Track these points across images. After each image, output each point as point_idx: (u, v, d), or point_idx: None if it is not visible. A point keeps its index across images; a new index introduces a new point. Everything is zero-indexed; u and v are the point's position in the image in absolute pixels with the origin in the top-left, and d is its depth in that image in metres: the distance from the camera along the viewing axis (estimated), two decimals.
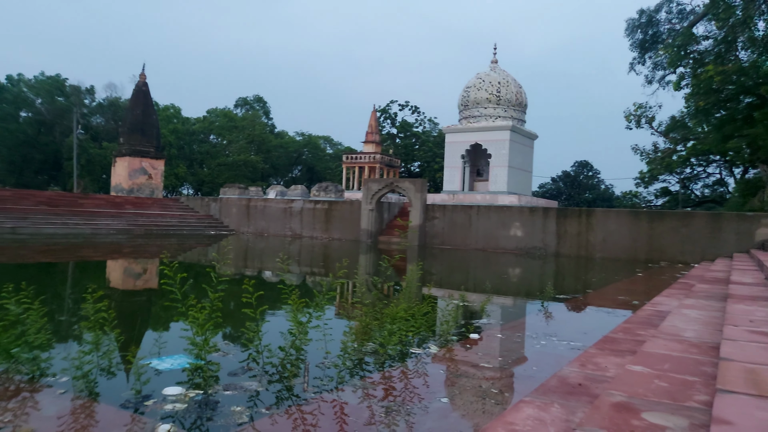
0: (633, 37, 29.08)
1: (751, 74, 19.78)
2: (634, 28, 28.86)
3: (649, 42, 28.80)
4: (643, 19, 28.54)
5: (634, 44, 29.17)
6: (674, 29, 27.68)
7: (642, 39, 28.93)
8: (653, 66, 28.62)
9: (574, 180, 71.67)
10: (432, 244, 24.83)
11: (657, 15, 28.61)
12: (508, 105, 33.55)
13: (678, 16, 28.35)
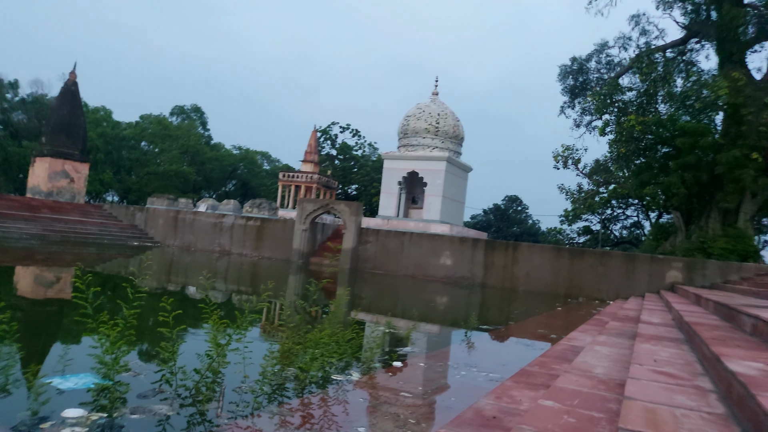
0: (565, 83, 30.67)
1: (668, 127, 21.33)
2: (566, 74, 30.47)
3: (579, 88, 30.46)
4: (575, 67, 30.21)
5: (566, 89, 30.76)
6: (602, 78, 29.44)
7: (573, 85, 30.57)
8: (582, 111, 30.24)
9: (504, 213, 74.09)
10: (364, 268, 24.84)
11: (587, 64, 30.37)
12: (445, 137, 34.44)
13: (606, 67, 30.20)
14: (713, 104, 20.72)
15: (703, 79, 22.16)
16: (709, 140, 20.15)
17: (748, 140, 19.68)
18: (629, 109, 23.57)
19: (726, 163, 19.48)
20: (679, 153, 20.96)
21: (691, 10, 24.56)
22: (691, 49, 27.55)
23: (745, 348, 3.53)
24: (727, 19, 20.43)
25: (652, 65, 23.10)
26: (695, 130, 20.33)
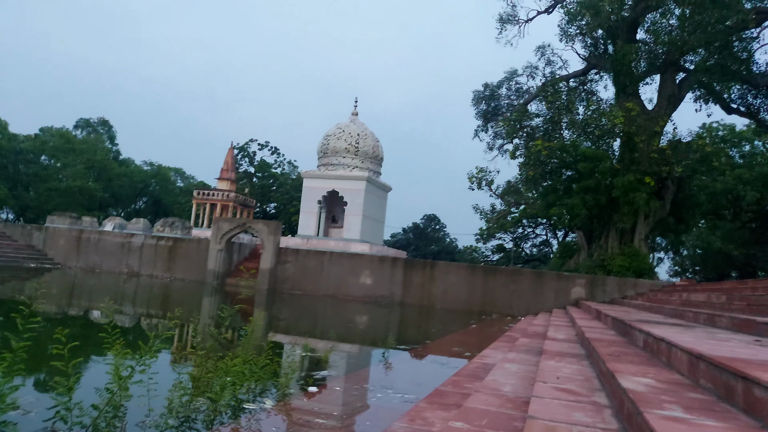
0: (478, 107, 31.97)
1: (571, 152, 22.74)
2: (479, 100, 31.79)
3: (491, 113, 31.84)
4: (487, 93, 31.61)
5: (479, 113, 32.05)
6: (512, 104, 30.98)
7: (485, 110, 31.90)
8: (494, 135, 31.59)
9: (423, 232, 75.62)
10: (282, 288, 24.38)
11: (499, 90, 31.86)
12: (365, 157, 34.78)
13: (516, 94, 31.83)
14: (611, 132, 22.35)
15: (601, 108, 23.86)
16: (607, 165, 21.67)
17: (640, 166, 21.37)
18: (537, 135, 24.88)
19: (622, 187, 21.02)
20: (581, 177, 22.35)
21: (590, 43, 26.50)
22: (591, 79, 29.70)
23: (636, 363, 3.79)
24: (621, 54, 22.21)
25: (556, 94, 24.60)
26: (595, 155, 21.80)
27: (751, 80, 22.74)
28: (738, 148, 34.81)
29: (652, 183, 21.23)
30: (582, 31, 23.49)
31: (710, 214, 33.48)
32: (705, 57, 21.38)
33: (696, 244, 35.53)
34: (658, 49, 22.17)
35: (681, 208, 23.84)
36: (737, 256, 32.33)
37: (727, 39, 20.11)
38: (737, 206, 32.80)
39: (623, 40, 22.83)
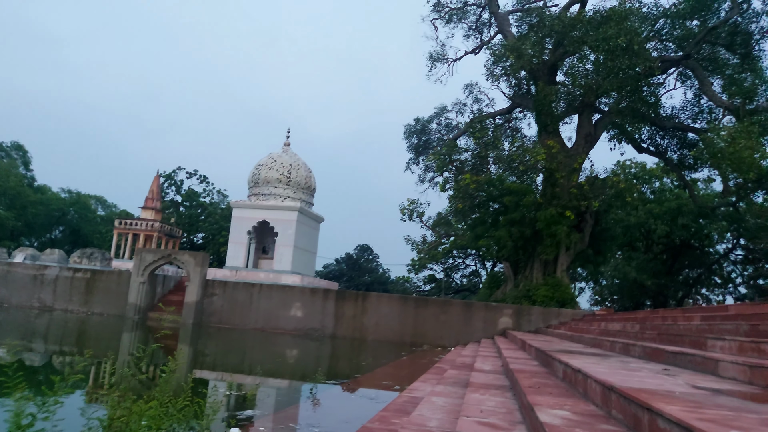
0: (410, 141, 32.61)
1: (498, 186, 23.59)
2: (411, 133, 32.46)
3: (422, 147, 32.56)
4: (419, 127, 32.35)
5: (411, 147, 32.68)
6: (442, 139, 31.84)
7: (417, 143, 32.59)
8: (425, 168, 32.22)
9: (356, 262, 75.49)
10: (209, 322, 23.46)
11: (429, 125, 32.69)
12: (297, 187, 34.56)
13: (446, 129, 32.77)
14: (534, 167, 23.39)
15: (525, 145, 24.97)
16: (531, 199, 22.61)
17: (561, 200, 22.45)
18: (465, 169, 25.65)
19: (544, 220, 21.97)
20: (507, 210, 23.18)
21: (514, 84, 27.85)
22: (516, 117, 31.11)
23: (555, 395, 3.91)
24: (542, 95, 23.49)
25: (483, 130, 25.58)
26: (519, 189, 22.72)
27: (658, 122, 24.58)
28: (649, 184, 37.38)
29: (572, 216, 22.31)
30: (506, 72, 24.67)
31: (625, 246, 35.53)
32: (618, 100, 22.96)
33: (613, 274, 37.47)
34: (576, 91, 23.58)
35: (599, 240, 25.14)
36: (650, 285, 34.34)
37: (637, 84, 21.69)
38: (649, 239, 35.00)
39: (544, 81, 24.16)
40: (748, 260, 36.71)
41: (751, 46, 21.45)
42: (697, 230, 33.21)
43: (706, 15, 21.51)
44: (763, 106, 20.15)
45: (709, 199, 32.58)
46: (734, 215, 29.78)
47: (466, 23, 29.47)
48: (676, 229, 32.75)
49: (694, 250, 36.06)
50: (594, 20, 21.32)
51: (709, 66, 22.64)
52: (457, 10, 28.65)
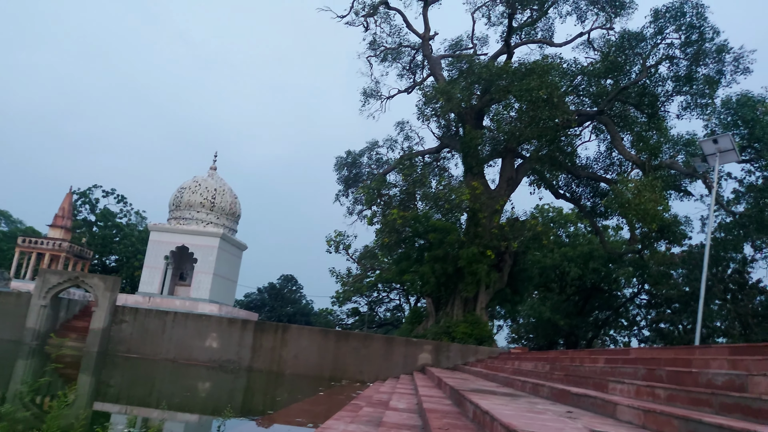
0: (340, 173, 32.73)
1: (424, 222, 24.04)
2: (342, 166, 32.62)
3: (352, 180, 32.76)
4: (349, 160, 32.58)
5: (341, 179, 32.80)
6: (373, 173, 32.21)
7: (347, 176, 32.76)
8: (354, 200, 32.40)
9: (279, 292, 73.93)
10: (117, 351, 22.05)
11: (360, 158, 33.00)
12: (221, 213, 33.67)
13: (376, 163, 33.19)
14: (458, 206, 24.08)
15: (451, 185, 25.74)
16: (455, 237, 23.20)
17: (483, 239, 23.18)
18: (393, 204, 26.00)
19: (466, 258, 22.56)
20: (431, 246, 23.63)
21: (443, 125, 28.80)
22: (444, 157, 32.05)
23: None
24: (469, 138, 24.41)
25: (412, 167, 26.14)
26: (444, 227, 23.27)
27: (574, 171, 26.13)
28: (564, 228, 39.43)
29: (493, 256, 23.05)
30: (437, 113, 25.51)
31: (541, 287, 37.07)
32: (538, 148, 24.25)
33: (529, 313, 38.84)
34: (500, 137, 24.69)
35: (517, 280, 26.06)
36: (563, 325, 35.84)
37: (556, 134, 23.04)
38: (563, 281, 36.72)
39: (471, 125, 25.17)
40: (651, 305, 39.23)
41: (657, 107, 23.43)
42: (607, 274, 35.21)
43: (618, 75, 23.35)
44: (666, 162, 21.92)
45: (618, 245, 34.71)
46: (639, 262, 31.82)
47: (400, 63, 30.37)
48: (587, 272, 34.57)
49: (604, 293, 38.12)
50: (519, 72, 22.59)
51: (620, 122, 24.47)
52: (392, 50, 29.51)
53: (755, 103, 19.22)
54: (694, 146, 20.31)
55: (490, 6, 27.36)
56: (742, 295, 33.37)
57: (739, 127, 19.70)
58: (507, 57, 25.97)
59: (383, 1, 28.02)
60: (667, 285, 34.49)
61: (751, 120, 18.99)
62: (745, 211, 22.01)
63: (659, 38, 22.15)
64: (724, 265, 32.92)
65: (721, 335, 34.49)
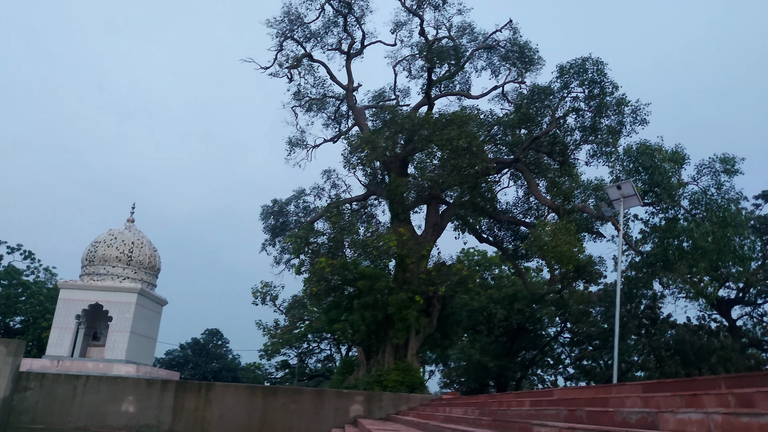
0: (266, 222, 32.30)
1: (352, 270, 23.99)
2: (268, 214, 32.23)
3: (279, 228, 32.37)
4: (276, 208, 32.28)
5: (267, 228, 32.34)
6: (300, 221, 32.01)
7: (274, 225, 32.37)
8: (281, 250, 31.92)
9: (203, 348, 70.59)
10: (19, 422, 20.00)
11: (287, 207, 32.80)
12: (139, 267, 32.09)
13: (303, 211, 33.06)
14: (386, 253, 24.29)
15: (379, 231, 26.00)
16: (384, 284, 23.26)
17: (411, 285, 23.40)
18: (321, 252, 25.84)
19: (396, 304, 22.62)
20: (360, 294, 23.53)
21: (370, 173, 29.26)
22: (371, 204, 32.43)
23: None
24: (394, 186, 24.91)
25: (340, 215, 26.25)
26: (373, 274, 23.32)
27: (495, 216, 27.19)
28: (489, 271, 40.59)
29: (422, 301, 23.26)
30: (362, 162, 25.91)
31: (470, 329, 37.63)
32: (460, 194, 25.11)
33: (460, 356, 39.20)
34: (424, 184, 25.38)
35: (446, 324, 26.34)
36: (493, 367, 36.38)
37: (476, 181, 24.00)
38: (491, 322, 37.50)
39: (396, 173, 25.75)
40: (574, 342, 40.75)
41: (567, 155, 25.05)
42: (531, 314, 36.36)
43: (531, 126, 24.88)
44: (578, 206, 23.27)
45: (539, 286, 36.07)
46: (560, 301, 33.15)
47: (325, 113, 30.88)
48: (513, 313, 35.55)
49: (529, 332, 39.23)
50: (439, 122, 23.57)
51: (535, 169, 25.89)
52: (317, 101, 30.01)
53: (653, 151, 20.98)
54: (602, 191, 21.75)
55: (411, 60, 28.65)
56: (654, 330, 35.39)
57: (640, 173, 21.34)
58: (428, 108, 27.06)
59: (306, 54, 28.62)
60: (587, 323, 36.00)
61: (650, 167, 20.65)
62: (651, 250, 23.57)
63: (565, 92, 23.92)
64: (636, 301, 34.90)
65: (639, 369, 36.21)
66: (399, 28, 28.28)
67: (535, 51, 26.21)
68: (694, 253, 21.11)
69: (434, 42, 26.86)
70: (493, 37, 27.12)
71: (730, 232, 20.66)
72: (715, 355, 32.69)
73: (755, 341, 36.70)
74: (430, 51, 26.04)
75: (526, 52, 26.18)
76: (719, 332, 35.42)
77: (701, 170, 22.03)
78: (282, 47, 28.65)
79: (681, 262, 21.76)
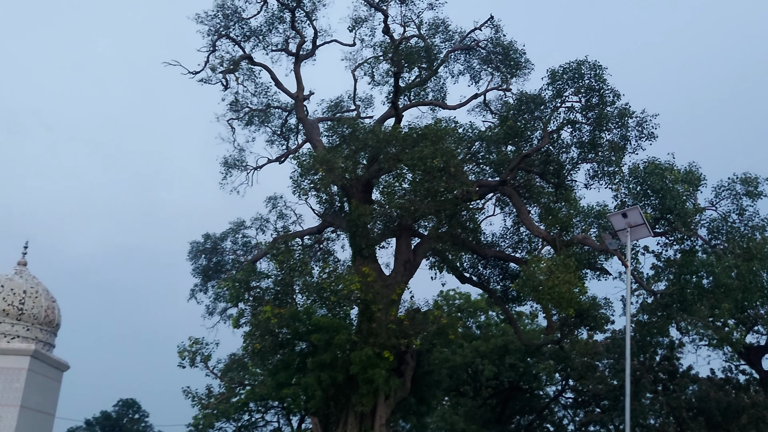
0: (196, 263, 31.83)
1: (305, 321, 23.81)
2: (198, 253, 31.76)
3: (212, 270, 31.94)
4: (209, 246, 31.89)
5: (197, 270, 31.85)
6: (239, 261, 31.68)
7: (206, 266, 31.92)
8: (215, 297, 31.47)
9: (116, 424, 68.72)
10: None
11: (223, 243, 32.45)
12: (33, 322, 31.14)
13: (243, 248, 32.75)
14: (347, 298, 24.25)
15: (338, 272, 25.97)
16: (344, 337, 23.09)
17: (379, 338, 23.33)
18: (266, 298, 25.62)
19: (360, 363, 22.45)
20: (316, 350, 23.30)
21: (325, 200, 29.33)
22: (328, 238, 32.39)
23: None
24: (356, 214, 24.97)
25: (288, 252, 26.10)
26: (331, 325, 23.16)
27: (479, 250, 27.52)
28: (474, 318, 40.86)
29: (392, 358, 23.17)
30: (316, 186, 25.98)
31: (452, 391, 37.63)
32: (437, 224, 25.35)
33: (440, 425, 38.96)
34: (393, 212, 25.59)
35: (422, 386, 26.27)
36: None
37: (455, 208, 24.32)
38: (477, 381, 37.60)
39: (358, 199, 25.87)
40: (578, 403, 41.11)
41: (564, 176, 25.69)
42: (526, 370, 36.61)
43: (519, 141, 25.48)
44: (578, 237, 23.81)
45: (535, 335, 36.49)
46: (560, 353, 33.55)
47: (269, 127, 31.06)
48: (504, 369, 35.73)
49: (524, 393, 39.44)
50: (410, 137, 23.93)
51: (526, 193, 26.45)
52: (259, 112, 30.17)
53: (663, 170, 21.70)
54: (605, 218, 22.33)
55: (373, 63, 29.19)
56: (673, 385, 36.06)
57: (649, 197, 22.01)
58: (395, 120, 27.47)
59: (245, 56, 28.82)
60: (593, 379, 36.43)
61: (661, 189, 21.30)
62: (666, 289, 24.17)
63: (558, 101, 24.63)
64: (651, 351, 35.59)
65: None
66: (359, 25, 28.83)
67: (522, 53, 27.04)
68: (716, 292, 21.72)
69: (401, 42, 27.43)
70: (472, 36, 27.90)
71: (757, 265, 21.38)
72: (746, 414, 33.41)
73: None
74: (397, 52, 26.55)
75: (510, 54, 26.97)
76: (749, 386, 36.29)
77: (720, 193, 22.88)
78: (215, 47, 28.81)
79: (701, 303, 22.37)
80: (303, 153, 28.86)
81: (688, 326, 25.63)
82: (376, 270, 25.79)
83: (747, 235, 22.11)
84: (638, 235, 17.55)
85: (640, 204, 21.31)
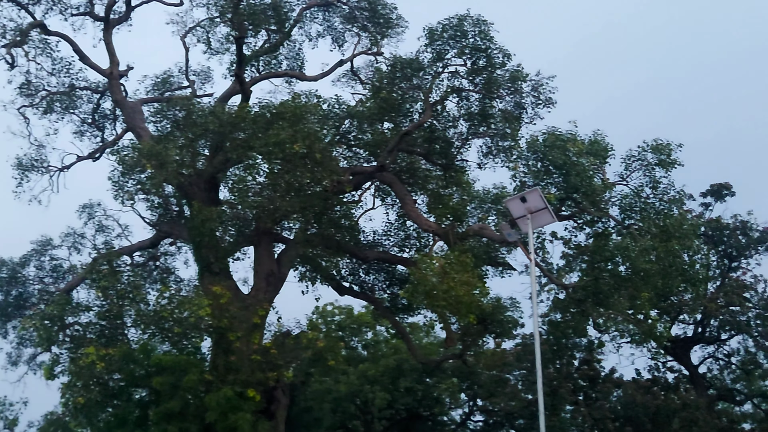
0: None
1: (142, 361, 23.10)
2: None
3: (12, 306, 30.26)
4: (5, 275, 30.15)
5: None
6: (48, 292, 30.18)
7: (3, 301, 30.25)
8: (19, 341, 29.85)
9: None
10: None
11: (24, 270, 30.80)
12: None
13: (53, 274, 31.26)
14: (196, 327, 23.69)
15: (181, 294, 25.29)
16: (196, 377, 22.57)
17: (240, 374, 22.97)
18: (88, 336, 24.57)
19: (217, 408, 22.02)
20: (159, 397, 22.68)
21: (158, 204, 28.50)
22: (166, 252, 31.58)
23: None
24: (199, 220, 24.27)
25: (114, 275, 25.11)
26: (177, 364, 22.59)
27: (359, 253, 27.66)
28: (359, 336, 41.15)
29: (258, 397, 22.91)
30: (144, 188, 25.15)
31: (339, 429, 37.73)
32: (304, 225, 25.32)
33: None
34: (247, 214, 25.24)
35: (299, 427, 26.32)
36: None
37: (326, 203, 24.31)
38: (368, 413, 37.94)
39: (202, 200, 25.28)
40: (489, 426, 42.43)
41: (452, 156, 26.41)
42: (425, 394, 37.36)
43: (397, 117, 25.88)
44: (474, 228, 24.46)
45: (433, 350, 37.33)
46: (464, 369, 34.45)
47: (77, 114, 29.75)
48: (399, 395, 36.30)
49: (425, 420, 40.26)
50: (262, 118, 23.62)
51: (410, 179, 26.93)
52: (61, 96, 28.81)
53: (565, 142, 22.68)
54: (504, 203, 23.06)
55: (209, 27, 28.62)
56: (595, 393, 38.07)
57: (552, 174, 23.00)
58: (242, 98, 27.03)
59: (37, 23, 27.40)
60: (503, 395, 37.71)
61: (564, 164, 22.24)
62: (579, 281, 25.36)
63: (440, 65, 25.26)
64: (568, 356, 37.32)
65: None
66: None
67: (393, 8, 27.48)
68: (634, 279, 23.07)
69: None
70: None
71: (676, 245, 22.90)
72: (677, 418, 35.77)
73: (724, 391, 40.85)
74: (237, 12, 26.11)
75: (379, 10, 27.34)
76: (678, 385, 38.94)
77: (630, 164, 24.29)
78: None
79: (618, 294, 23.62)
80: (124, 146, 27.69)
81: (607, 322, 26.95)
82: (231, 288, 25.37)
83: (663, 211, 23.56)
84: (541, 222, 18.36)
85: (542, 183, 22.21)
